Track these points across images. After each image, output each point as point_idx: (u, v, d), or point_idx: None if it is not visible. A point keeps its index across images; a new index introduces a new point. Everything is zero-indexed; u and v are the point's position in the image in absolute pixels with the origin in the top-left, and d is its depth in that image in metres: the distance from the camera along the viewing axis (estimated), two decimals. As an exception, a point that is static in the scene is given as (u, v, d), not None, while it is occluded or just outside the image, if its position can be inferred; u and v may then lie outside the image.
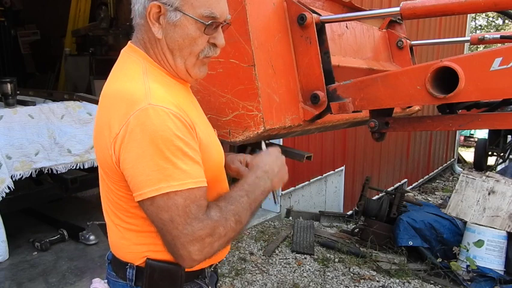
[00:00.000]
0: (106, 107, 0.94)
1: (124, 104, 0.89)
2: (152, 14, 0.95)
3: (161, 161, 0.86)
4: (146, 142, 0.86)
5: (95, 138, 0.99)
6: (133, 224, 0.98)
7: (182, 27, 0.96)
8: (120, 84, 0.95)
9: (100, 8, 5.40)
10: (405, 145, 6.66)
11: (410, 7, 1.21)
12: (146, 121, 0.86)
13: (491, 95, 1.18)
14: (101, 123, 0.94)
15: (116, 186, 0.96)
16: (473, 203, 3.70)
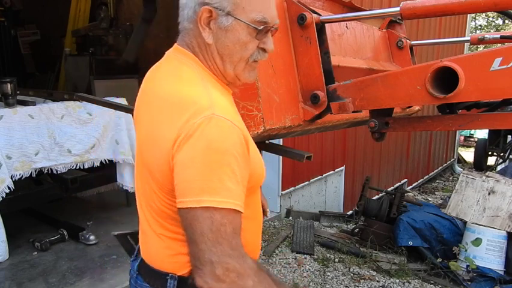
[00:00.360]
0: (161, 109, 0.92)
1: (185, 109, 0.86)
2: (203, 19, 0.93)
3: (209, 173, 0.84)
4: (201, 150, 0.84)
5: (146, 139, 0.96)
6: (180, 233, 0.93)
7: (233, 32, 0.94)
8: (178, 87, 0.92)
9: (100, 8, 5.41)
10: (405, 145, 6.66)
11: (410, 7, 1.21)
12: (209, 130, 0.84)
13: (491, 95, 1.18)
14: (155, 126, 0.92)
15: (165, 193, 0.93)
16: (473, 203, 3.70)
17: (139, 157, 1.03)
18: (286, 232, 3.87)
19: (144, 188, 1.01)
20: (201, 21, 0.93)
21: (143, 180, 1.01)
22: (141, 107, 1.03)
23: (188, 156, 0.84)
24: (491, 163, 8.48)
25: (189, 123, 0.84)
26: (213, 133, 0.84)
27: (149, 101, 0.98)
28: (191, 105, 0.87)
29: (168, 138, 0.87)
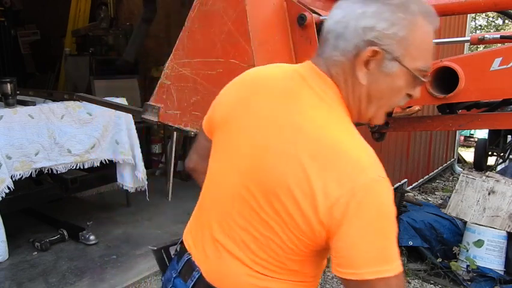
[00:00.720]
0: (313, 153, 0.82)
1: (346, 165, 0.80)
2: (365, 58, 0.85)
3: (384, 241, 0.79)
4: (373, 219, 0.78)
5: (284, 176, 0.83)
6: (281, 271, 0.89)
7: (393, 77, 0.87)
8: (334, 134, 0.84)
9: (100, 8, 5.41)
10: (405, 145, 6.66)
11: (410, 7, 1.21)
12: (376, 195, 0.79)
13: (491, 95, 1.18)
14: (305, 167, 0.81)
15: (291, 235, 0.85)
16: (473, 203, 3.70)
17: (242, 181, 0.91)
18: (286, 232, 3.86)
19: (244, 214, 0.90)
20: (361, 61, 0.85)
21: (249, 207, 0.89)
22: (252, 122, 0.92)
23: (360, 224, 0.78)
24: (491, 163, 8.48)
25: (351, 183, 0.78)
26: (383, 197, 0.79)
27: (282, 126, 0.86)
28: (352, 159, 0.81)
29: (325, 192, 0.79)
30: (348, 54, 0.86)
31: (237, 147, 0.93)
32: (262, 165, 0.87)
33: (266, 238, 0.87)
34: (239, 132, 0.93)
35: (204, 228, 0.99)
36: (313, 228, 0.81)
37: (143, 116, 1.46)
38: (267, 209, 0.86)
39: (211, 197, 1.00)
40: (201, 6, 1.30)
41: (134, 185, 3.53)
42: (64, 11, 5.90)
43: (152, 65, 5.16)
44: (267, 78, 0.97)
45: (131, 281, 2.70)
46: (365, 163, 0.82)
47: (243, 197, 0.90)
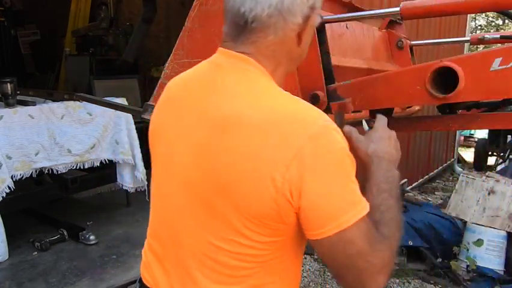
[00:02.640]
0: (258, 128, 0.77)
1: (294, 124, 0.76)
2: (312, 23, 0.87)
3: (348, 186, 0.77)
4: (334, 166, 0.76)
5: (234, 167, 0.78)
6: (251, 274, 0.83)
7: (314, 26, 0.91)
8: (270, 102, 0.81)
9: (100, 8, 5.41)
10: (405, 145, 6.66)
11: (410, 7, 1.21)
12: (331, 141, 0.77)
13: (491, 95, 1.18)
14: (253, 152, 0.76)
15: (259, 230, 0.79)
16: (473, 203, 3.70)
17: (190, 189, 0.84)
18: (286, 232, 3.87)
19: (203, 227, 0.83)
20: (310, 25, 0.87)
21: (206, 217, 0.83)
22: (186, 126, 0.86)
23: (323, 179, 0.75)
24: (491, 163, 8.48)
25: (303, 139, 0.74)
26: (336, 142, 0.77)
27: (215, 121, 0.81)
28: (296, 118, 0.78)
29: (275, 160, 0.74)
30: (294, 27, 0.84)
31: (174, 159, 0.87)
32: (210, 171, 0.81)
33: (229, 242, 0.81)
34: (174, 142, 0.88)
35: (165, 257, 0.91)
36: (278, 205, 0.76)
37: (143, 116, 1.46)
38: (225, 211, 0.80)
39: (162, 222, 0.93)
40: (200, 6, 1.30)
41: (134, 185, 3.54)
42: (63, 11, 5.91)
43: (152, 65, 5.16)
44: (186, 81, 0.94)
45: (131, 281, 2.70)
46: (309, 115, 0.79)
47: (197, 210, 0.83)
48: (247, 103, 0.80)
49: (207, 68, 0.90)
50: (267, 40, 0.84)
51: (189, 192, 0.84)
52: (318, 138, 0.75)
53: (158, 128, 0.95)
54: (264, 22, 0.82)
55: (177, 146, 0.87)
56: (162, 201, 0.93)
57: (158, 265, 0.92)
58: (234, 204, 0.79)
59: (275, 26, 0.83)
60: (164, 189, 0.92)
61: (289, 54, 0.89)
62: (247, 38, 0.84)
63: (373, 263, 0.77)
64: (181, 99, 0.91)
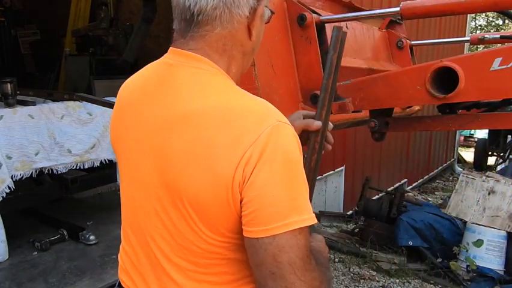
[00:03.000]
0: (210, 126, 0.76)
1: (246, 120, 0.75)
2: (260, 15, 0.87)
3: (292, 190, 0.74)
4: (280, 166, 0.73)
5: (187, 167, 0.77)
6: (225, 273, 0.84)
7: (264, 22, 0.91)
8: (223, 99, 0.79)
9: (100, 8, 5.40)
10: (405, 145, 6.66)
11: (410, 7, 1.21)
12: (280, 140, 0.74)
13: (491, 95, 1.18)
14: (204, 145, 0.75)
15: (215, 227, 0.79)
16: (473, 203, 3.70)
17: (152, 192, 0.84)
18: (286, 232, 3.86)
19: (168, 229, 0.83)
20: (258, 17, 0.86)
21: (169, 219, 0.83)
22: (143, 129, 0.86)
23: (267, 176, 0.73)
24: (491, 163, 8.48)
25: (256, 134, 0.73)
26: (285, 143, 0.75)
27: (186, 121, 0.79)
28: (250, 113, 0.77)
29: (228, 154, 0.74)
30: (241, 19, 0.84)
31: (136, 163, 0.88)
32: (168, 172, 0.80)
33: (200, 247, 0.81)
34: (134, 146, 0.88)
35: (139, 262, 0.92)
36: (227, 201, 0.75)
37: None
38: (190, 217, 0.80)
39: (132, 226, 0.93)
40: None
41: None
42: (63, 11, 5.90)
43: (152, 65, 5.15)
44: (138, 84, 0.93)
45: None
46: (263, 112, 0.78)
47: (158, 209, 0.84)
48: (200, 102, 0.79)
49: (159, 69, 0.89)
50: (214, 33, 0.84)
51: (152, 195, 0.84)
52: (268, 135, 0.74)
53: (117, 135, 0.96)
54: (210, 14, 0.82)
55: (137, 151, 0.87)
56: (130, 206, 0.93)
57: (133, 268, 0.93)
58: (191, 203, 0.78)
59: (221, 18, 0.82)
60: (130, 193, 0.92)
61: (241, 48, 0.88)
62: (195, 32, 0.84)
63: (302, 280, 0.73)
64: (136, 103, 0.90)
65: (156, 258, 0.87)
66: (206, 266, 0.83)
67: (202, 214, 0.78)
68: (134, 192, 0.90)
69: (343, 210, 5.20)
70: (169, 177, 0.80)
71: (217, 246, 0.81)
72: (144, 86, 0.90)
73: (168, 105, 0.83)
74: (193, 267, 0.84)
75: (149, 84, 0.89)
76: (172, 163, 0.80)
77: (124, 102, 0.95)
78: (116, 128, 0.97)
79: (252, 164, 0.73)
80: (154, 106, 0.85)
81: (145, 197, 0.86)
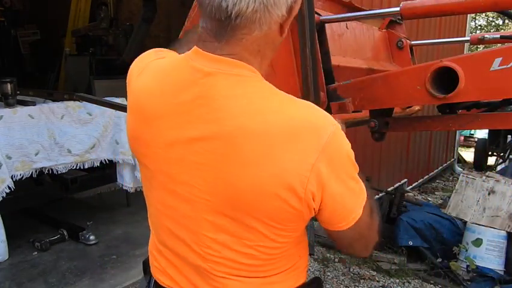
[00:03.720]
0: (274, 143, 0.76)
1: (306, 137, 0.77)
2: (295, 13, 0.83)
3: (357, 181, 0.84)
4: (345, 169, 0.82)
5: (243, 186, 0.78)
6: (280, 266, 0.91)
7: None
8: (278, 113, 0.79)
9: (100, 8, 5.40)
10: (405, 145, 6.66)
11: (410, 7, 1.21)
12: (339, 147, 0.80)
13: (491, 95, 1.18)
14: (270, 167, 0.76)
15: (283, 233, 0.84)
16: (473, 203, 3.70)
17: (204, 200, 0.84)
18: (286, 232, 3.87)
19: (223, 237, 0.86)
20: (293, 14, 0.83)
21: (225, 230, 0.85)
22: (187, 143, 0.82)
23: (340, 181, 0.80)
24: (491, 163, 8.48)
25: (319, 147, 0.77)
26: (345, 144, 0.82)
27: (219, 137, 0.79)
28: (308, 126, 0.78)
29: (298, 174, 0.77)
30: (279, 20, 0.80)
31: (176, 176, 0.86)
32: (226, 187, 0.80)
33: (255, 248, 0.85)
34: (171, 158, 0.85)
35: (184, 265, 0.93)
36: (301, 211, 0.81)
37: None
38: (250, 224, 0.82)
39: (176, 231, 0.92)
40: (201, 6, 1.30)
41: (134, 185, 3.54)
42: (64, 11, 5.90)
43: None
44: (166, 91, 0.86)
45: (131, 281, 2.71)
46: (314, 125, 0.79)
47: (216, 221, 0.84)
48: (252, 115, 0.78)
49: (193, 77, 0.82)
50: (252, 36, 0.79)
51: (203, 210, 0.84)
52: (329, 145, 0.78)
53: (142, 137, 0.90)
54: (249, 18, 0.77)
55: (179, 164, 0.84)
56: (166, 215, 0.92)
57: (175, 270, 0.95)
58: (256, 215, 0.81)
59: (260, 21, 0.78)
60: (168, 202, 0.90)
61: (273, 46, 0.86)
62: (231, 35, 0.79)
63: (374, 230, 0.91)
64: (171, 113, 0.84)
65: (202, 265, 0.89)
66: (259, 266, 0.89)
67: (270, 222, 0.82)
68: (173, 202, 0.88)
69: (343, 210, 5.19)
70: (227, 192, 0.80)
71: (276, 248, 0.88)
72: (177, 96, 0.83)
73: (217, 120, 0.79)
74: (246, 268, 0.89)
75: (184, 95, 0.82)
76: (229, 178, 0.79)
77: (150, 111, 0.87)
78: (139, 130, 0.90)
79: (322, 176, 0.78)
80: (197, 121, 0.80)
81: (192, 209, 0.86)
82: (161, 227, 0.95)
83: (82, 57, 5.42)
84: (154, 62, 0.92)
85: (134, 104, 0.91)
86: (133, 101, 0.91)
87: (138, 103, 0.90)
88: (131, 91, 0.93)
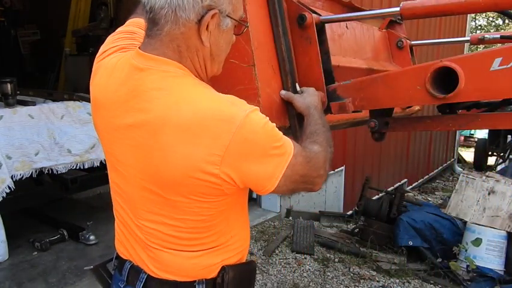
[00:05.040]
0: (188, 134, 0.87)
1: (219, 124, 0.86)
2: (207, 22, 0.90)
3: (274, 149, 0.92)
4: (260, 144, 0.90)
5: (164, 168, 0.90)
6: (209, 242, 1.01)
7: (228, 32, 0.97)
8: (193, 106, 0.88)
9: (100, 8, 5.40)
10: (405, 145, 6.66)
11: (410, 7, 1.21)
12: (252, 127, 0.89)
13: (491, 95, 1.18)
14: (188, 151, 0.87)
15: (205, 205, 0.94)
16: (473, 203, 3.70)
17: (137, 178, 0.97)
18: (286, 232, 3.87)
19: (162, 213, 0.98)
20: (205, 25, 0.90)
21: (155, 204, 0.97)
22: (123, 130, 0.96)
23: (254, 155, 0.89)
24: (491, 163, 8.48)
25: (229, 135, 0.86)
26: (256, 124, 0.89)
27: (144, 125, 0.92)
28: (225, 118, 0.87)
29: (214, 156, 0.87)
30: (189, 24, 0.90)
31: (119, 158, 1.00)
32: (152, 167, 0.93)
33: (182, 220, 0.96)
34: (114, 142, 1.00)
35: (130, 236, 1.06)
36: (221, 188, 0.91)
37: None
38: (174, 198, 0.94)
39: (122, 205, 1.07)
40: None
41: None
42: (63, 11, 5.90)
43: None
44: (111, 87, 1.00)
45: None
46: (227, 113, 0.88)
47: (147, 196, 0.97)
48: (170, 106, 0.88)
49: (130, 73, 0.95)
50: (164, 32, 0.91)
51: (137, 186, 0.98)
52: (242, 128, 0.86)
53: (96, 123, 1.07)
54: (158, 13, 0.89)
55: (118, 146, 0.99)
56: (118, 190, 1.07)
57: (127, 242, 1.08)
58: (179, 192, 0.92)
59: (166, 18, 0.89)
60: (114, 180, 1.06)
61: (197, 52, 0.95)
62: (153, 31, 0.93)
63: (313, 174, 1.01)
64: (111, 106, 0.98)
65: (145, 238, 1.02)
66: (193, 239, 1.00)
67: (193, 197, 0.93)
68: (118, 179, 1.04)
69: (343, 210, 5.20)
70: (155, 173, 0.92)
71: (204, 221, 0.98)
72: (118, 89, 0.97)
73: (144, 109, 0.91)
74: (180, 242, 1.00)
75: (122, 89, 0.96)
76: (155, 161, 0.92)
77: (100, 102, 1.03)
78: (96, 122, 1.07)
79: (237, 155, 0.87)
80: (131, 110, 0.94)
81: (131, 188, 1.00)
82: (115, 202, 1.11)
83: (82, 57, 5.42)
84: (106, 60, 1.06)
85: (92, 97, 1.07)
86: (92, 94, 1.07)
87: (93, 96, 1.06)
88: (91, 86, 1.09)
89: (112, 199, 1.13)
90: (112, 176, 1.07)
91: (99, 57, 1.10)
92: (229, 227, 1.04)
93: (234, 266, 1.05)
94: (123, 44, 1.10)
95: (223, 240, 1.03)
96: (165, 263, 1.02)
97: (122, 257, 1.11)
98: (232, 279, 1.03)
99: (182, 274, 1.02)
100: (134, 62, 0.95)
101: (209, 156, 0.86)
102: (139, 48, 0.97)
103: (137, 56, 0.96)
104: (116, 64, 1.01)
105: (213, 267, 1.03)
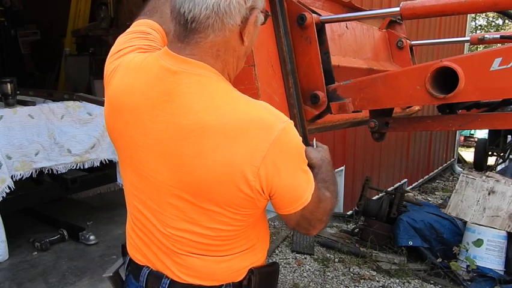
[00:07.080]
0: (226, 141, 0.85)
1: (257, 132, 0.86)
2: (253, 22, 0.91)
3: (305, 171, 0.95)
4: (293, 160, 0.91)
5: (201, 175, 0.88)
6: (238, 246, 1.01)
7: (259, 27, 0.97)
8: (233, 111, 0.87)
9: (100, 8, 5.40)
10: (405, 145, 6.66)
11: (410, 7, 1.21)
12: (289, 141, 0.89)
13: (491, 95, 1.18)
14: (225, 158, 0.86)
15: (237, 217, 0.94)
16: (473, 203, 3.70)
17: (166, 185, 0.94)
18: (286, 232, 3.87)
19: (184, 219, 0.96)
20: (250, 25, 0.90)
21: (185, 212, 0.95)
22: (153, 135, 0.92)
23: (287, 170, 0.90)
24: (491, 163, 8.48)
25: (267, 144, 0.86)
26: (295, 138, 0.91)
27: (180, 130, 0.88)
28: (259, 124, 0.87)
29: (250, 165, 0.86)
30: (233, 28, 0.89)
31: (146, 164, 0.95)
32: (187, 175, 0.90)
33: (212, 230, 0.95)
34: (142, 148, 0.94)
35: (152, 243, 1.02)
36: (252, 197, 0.90)
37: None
38: (207, 207, 0.92)
39: (144, 211, 1.01)
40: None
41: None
42: (64, 11, 5.89)
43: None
44: (138, 88, 0.94)
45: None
46: (266, 121, 0.88)
47: (177, 204, 0.94)
48: (209, 111, 0.86)
49: (161, 75, 0.91)
50: (208, 40, 0.89)
51: (166, 193, 0.94)
52: (279, 140, 0.87)
53: (117, 133, 1.00)
54: (203, 23, 0.87)
55: (146, 152, 0.94)
56: (136, 196, 1.01)
57: (146, 247, 1.04)
58: (213, 200, 0.91)
59: (213, 27, 0.87)
60: (138, 185, 1.00)
61: (234, 53, 0.93)
62: (191, 38, 0.89)
63: (318, 216, 1.00)
64: (140, 108, 0.93)
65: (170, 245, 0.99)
66: (219, 246, 0.99)
67: (226, 207, 0.92)
68: (142, 185, 0.98)
69: (343, 210, 5.20)
70: (188, 180, 0.90)
71: (232, 231, 0.98)
72: (147, 91, 0.92)
73: (180, 114, 0.88)
74: (206, 248, 0.99)
75: (153, 91, 0.91)
76: (190, 167, 0.89)
77: (124, 104, 0.96)
78: (115, 125, 1.00)
79: (272, 167, 0.87)
80: (163, 114, 0.90)
81: (156, 192, 0.96)
82: (133, 207, 1.04)
83: (82, 57, 5.42)
84: (126, 58, 1.01)
85: (111, 98, 1.00)
86: (111, 95, 1.00)
87: (114, 98, 0.99)
88: (109, 87, 1.01)
89: (128, 204, 1.07)
90: (133, 181, 1.01)
91: (113, 57, 1.04)
92: (255, 231, 1.05)
93: (260, 268, 1.06)
94: (139, 44, 1.05)
95: (250, 244, 1.04)
96: (194, 268, 1.00)
97: (138, 263, 1.07)
98: (259, 281, 1.04)
99: (211, 278, 1.01)
100: (165, 64, 0.91)
101: (247, 166, 0.86)
102: (168, 49, 0.93)
103: (167, 57, 0.92)
104: (142, 64, 0.96)
105: (242, 270, 1.03)
